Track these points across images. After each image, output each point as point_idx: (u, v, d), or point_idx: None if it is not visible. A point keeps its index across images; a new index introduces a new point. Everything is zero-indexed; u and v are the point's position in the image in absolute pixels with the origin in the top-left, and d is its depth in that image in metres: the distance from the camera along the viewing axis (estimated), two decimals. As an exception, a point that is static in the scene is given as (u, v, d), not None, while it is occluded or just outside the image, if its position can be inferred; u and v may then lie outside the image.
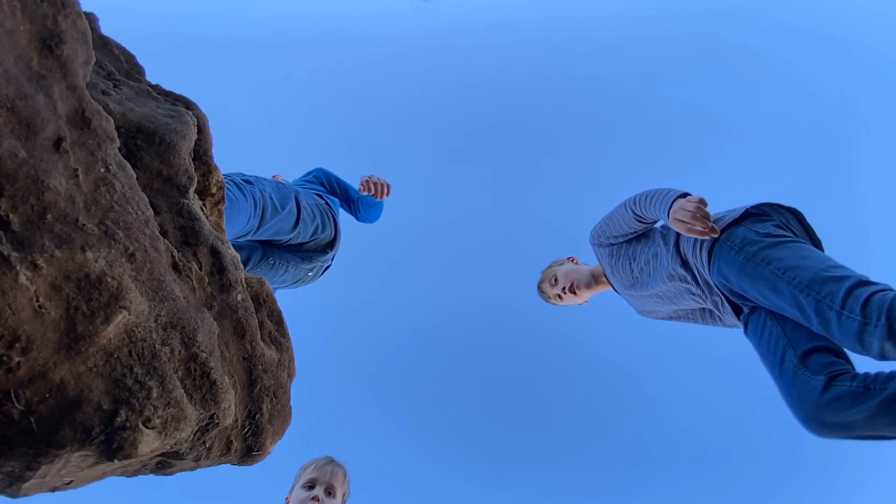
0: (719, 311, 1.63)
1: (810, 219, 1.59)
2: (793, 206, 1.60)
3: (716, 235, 1.47)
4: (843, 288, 1.21)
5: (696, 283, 1.63)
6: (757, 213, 1.56)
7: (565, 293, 2.10)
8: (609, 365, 10.95)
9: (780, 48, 11.15)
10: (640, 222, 1.77)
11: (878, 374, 1.14)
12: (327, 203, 2.11)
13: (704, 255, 1.55)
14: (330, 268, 2.25)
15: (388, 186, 2.20)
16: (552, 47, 12.46)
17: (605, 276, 2.03)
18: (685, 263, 1.65)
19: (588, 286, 2.08)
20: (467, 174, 12.67)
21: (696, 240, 1.60)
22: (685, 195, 1.58)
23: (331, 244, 2.08)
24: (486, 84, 12.58)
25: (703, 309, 1.81)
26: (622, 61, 12.14)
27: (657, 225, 1.85)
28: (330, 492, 1.71)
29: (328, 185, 2.31)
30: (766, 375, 1.42)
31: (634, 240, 1.85)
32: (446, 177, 12.69)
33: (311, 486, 1.72)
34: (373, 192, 2.15)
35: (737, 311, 1.56)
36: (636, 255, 1.83)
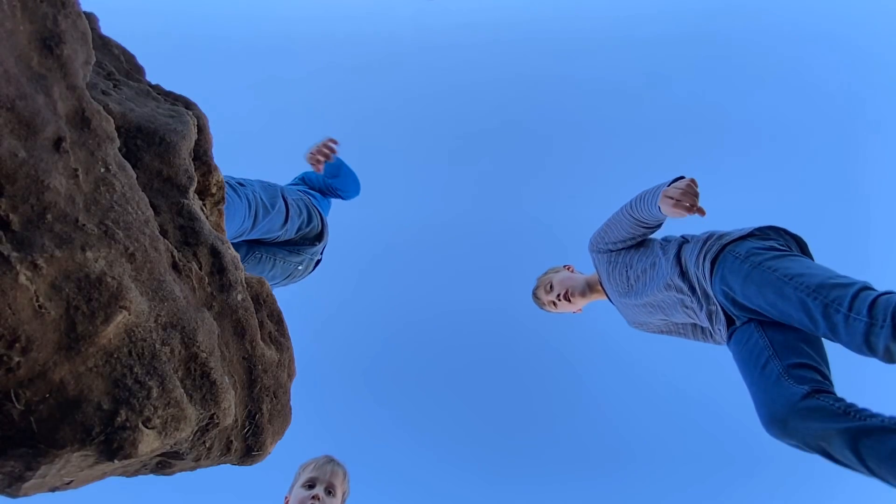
0: (711, 325, 1.64)
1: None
2: (798, 232, 1.64)
3: (702, 215, 1.50)
4: (850, 292, 1.24)
5: (693, 293, 1.64)
6: (761, 235, 1.60)
7: (560, 300, 2.13)
8: (595, 370, 11.05)
9: (786, 46, 11.16)
10: (639, 226, 1.79)
11: (863, 408, 1.16)
12: (312, 197, 2.10)
13: (707, 264, 1.57)
14: (320, 263, 2.22)
15: (331, 140, 2.09)
16: (551, 47, 12.47)
17: (601, 283, 2.04)
18: (684, 274, 1.67)
19: (583, 294, 2.10)
20: (466, 174, 12.68)
21: (700, 250, 1.63)
22: (677, 179, 1.61)
23: (319, 236, 2.06)
24: (486, 84, 12.59)
25: (695, 325, 1.83)
26: (623, 61, 12.14)
27: (656, 235, 1.87)
28: (330, 491, 1.71)
29: (310, 183, 2.31)
30: (739, 390, 1.45)
31: (633, 248, 1.88)
32: (446, 176, 12.71)
33: (311, 485, 1.72)
34: (322, 159, 2.06)
35: (729, 323, 1.58)
36: (633, 262, 1.86)
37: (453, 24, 12.49)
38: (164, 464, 0.88)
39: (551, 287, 2.17)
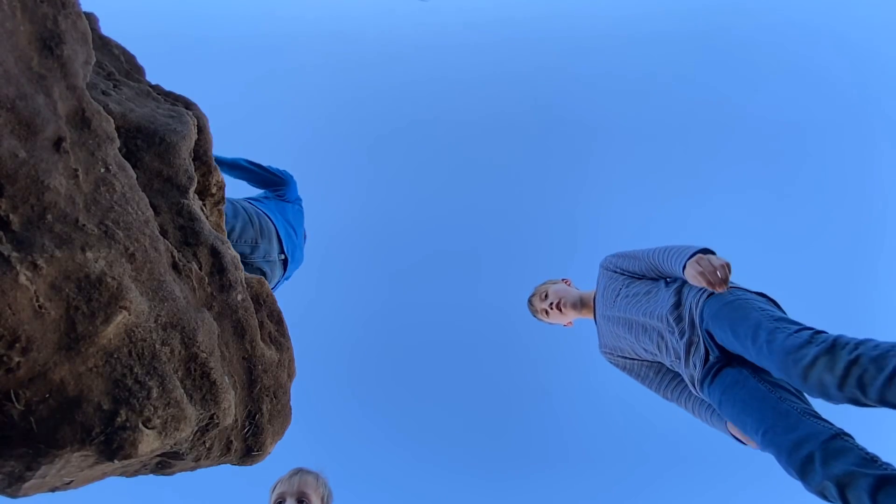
0: (685, 357, 1.66)
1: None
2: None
3: (720, 291, 1.53)
4: (804, 324, 1.31)
5: (679, 322, 1.68)
6: (762, 294, 1.66)
7: (552, 309, 2.21)
8: (572, 379, 11.13)
9: (790, 45, 11.16)
10: (654, 272, 1.86)
11: (886, 461, 1.18)
12: (259, 202, 2.04)
13: (705, 295, 1.62)
14: (288, 261, 2.12)
15: None
16: (548, 46, 12.47)
17: (595, 298, 2.12)
18: (678, 304, 1.72)
19: (574, 307, 2.19)
20: (463, 173, 12.70)
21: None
22: (709, 251, 1.63)
23: (260, 235, 1.93)
24: (483, 83, 12.60)
25: (659, 366, 1.91)
26: (621, 59, 12.14)
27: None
28: (302, 500, 1.67)
29: (268, 194, 2.24)
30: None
31: (639, 278, 1.95)
32: (439, 175, 12.73)
33: (280, 500, 1.69)
34: None
35: (705, 360, 1.61)
36: (631, 284, 1.95)
37: (450, 23, 12.51)
38: (164, 464, 0.88)
39: (546, 296, 2.27)
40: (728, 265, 1.51)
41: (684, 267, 1.61)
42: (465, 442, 11.20)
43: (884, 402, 1.10)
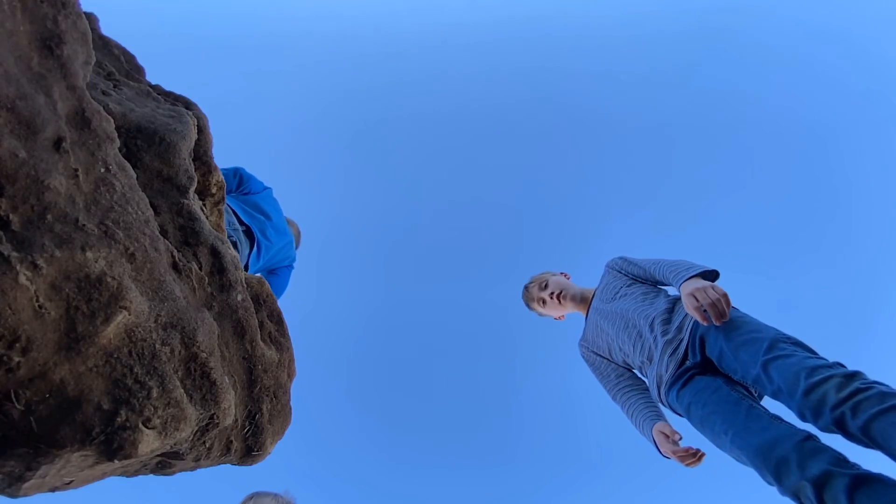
0: (659, 357, 1.67)
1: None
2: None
3: (706, 324, 1.52)
4: (829, 361, 1.32)
5: (666, 324, 1.69)
6: None
7: (551, 298, 2.20)
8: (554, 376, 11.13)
9: (792, 44, 11.14)
10: (657, 282, 1.88)
11: (855, 462, 1.19)
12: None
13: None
14: (256, 236, 2.10)
15: None
16: (548, 46, 12.48)
17: (595, 292, 2.13)
18: (671, 309, 1.74)
19: (573, 300, 2.18)
20: (460, 171, 12.72)
21: None
22: (714, 275, 1.61)
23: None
24: (483, 82, 12.61)
25: (624, 372, 1.94)
26: (621, 59, 12.14)
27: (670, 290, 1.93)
28: None
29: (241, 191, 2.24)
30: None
31: (641, 282, 1.99)
32: (439, 174, 12.75)
33: None
34: None
35: (679, 364, 1.62)
36: (633, 285, 1.97)
37: (449, 22, 12.52)
38: (164, 464, 0.88)
39: (546, 285, 2.23)
40: (726, 296, 1.50)
41: (680, 287, 1.61)
42: (466, 442, 11.22)
43: (866, 433, 1.10)
